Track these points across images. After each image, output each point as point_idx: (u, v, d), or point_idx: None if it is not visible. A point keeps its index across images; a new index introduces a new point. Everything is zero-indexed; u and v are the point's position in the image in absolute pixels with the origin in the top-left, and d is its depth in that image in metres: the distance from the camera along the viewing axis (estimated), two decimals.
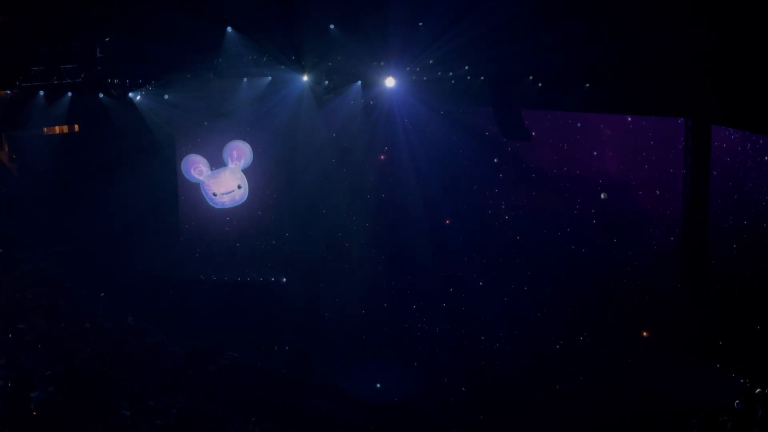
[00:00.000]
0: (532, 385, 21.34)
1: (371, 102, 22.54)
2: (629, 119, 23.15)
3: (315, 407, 20.18)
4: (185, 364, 20.81)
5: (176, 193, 24.23)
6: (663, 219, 23.75)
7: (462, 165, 25.15)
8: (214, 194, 24.21)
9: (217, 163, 24.38)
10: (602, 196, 24.44)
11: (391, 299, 24.71)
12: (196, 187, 24.43)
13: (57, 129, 22.73)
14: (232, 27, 20.20)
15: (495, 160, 25.44)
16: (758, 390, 12.20)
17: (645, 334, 23.04)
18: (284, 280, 24.60)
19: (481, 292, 24.85)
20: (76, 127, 22.73)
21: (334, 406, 20.41)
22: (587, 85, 19.80)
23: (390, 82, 20.92)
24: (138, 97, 21.69)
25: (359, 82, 21.47)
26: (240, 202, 24.48)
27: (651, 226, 24.05)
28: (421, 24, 19.50)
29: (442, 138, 24.31)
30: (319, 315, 23.83)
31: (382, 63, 20.60)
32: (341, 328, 23.47)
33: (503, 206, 25.85)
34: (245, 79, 21.57)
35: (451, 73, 20.51)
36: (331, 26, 20.08)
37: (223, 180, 24.37)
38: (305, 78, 21.48)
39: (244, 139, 23.94)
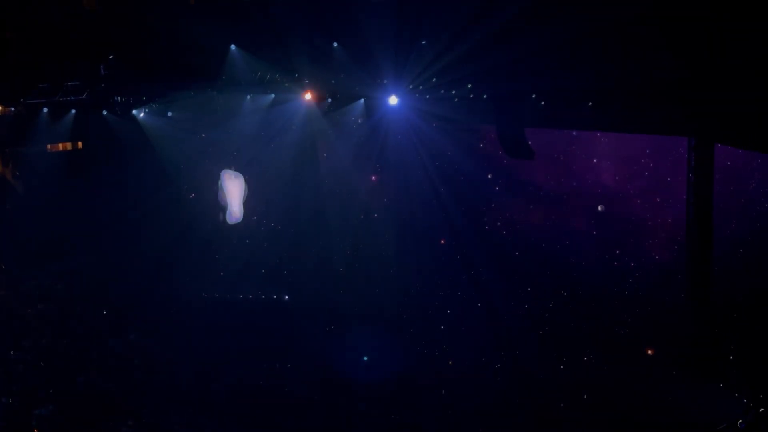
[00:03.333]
0: (535, 405, 21.34)
1: (359, 120, 23.08)
2: None
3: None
4: (189, 382, 20.84)
5: (180, 209, 24.45)
6: (663, 229, 24.26)
7: (456, 181, 25.42)
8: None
9: None
10: (599, 208, 24.91)
11: (388, 321, 24.57)
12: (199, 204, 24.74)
13: (61, 146, 22.92)
14: (236, 45, 20.69)
15: (489, 176, 25.78)
16: (762, 409, 12.14)
17: (650, 351, 23.05)
18: (286, 298, 25.05)
19: (481, 311, 24.94)
20: (80, 144, 22.85)
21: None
22: (590, 104, 20.06)
23: (393, 100, 21.55)
24: (141, 115, 21.81)
25: (362, 101, 22.00)
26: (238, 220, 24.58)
27: (651, 236, 24.52)
28: (424, 42, 20.15)
29: (435, 155, 24.73)
30: (317, 332, 23.80)
31: (385, 81, 21.21)
32: (337, 347, 23.42)
33: (499, 222, 26.06)
34: (248, 97, 22.04)
35: (454, 92, 21.06)
36: (334, 44, 20.64)
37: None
38: (308, 96, 21.93)
39: (243, 156, 24.23)
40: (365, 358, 23.44)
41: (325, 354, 22.97)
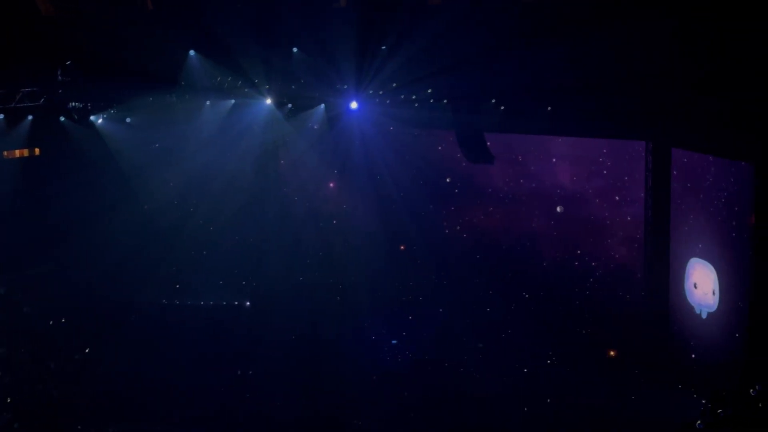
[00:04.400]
0: (498, 409, 21.32)
1: (315, 126, 23.23)
2: None
3: None
4: (153, 390, 20.83)
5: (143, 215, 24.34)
6: (621, 228, 24.58)
7: (415, 186, 25.65)
8: None
9: None
10: (558, 209, 25.24)
11: (350, 327, 24.69)
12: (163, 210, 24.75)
13: (17, 153, 22.79)
14: (195, 50, 20.79)
15: (448, 180, 26.07)
16: (719, 410, 12.42)
17: (612, 353, 23.47)
18: (248, 304, 25.14)
19: (443, 316, 25.35)
20: (37, 150, 22.77)
21: None
22: (549, 108, 20.38)
23: (354, 105, 21.94)
24: (99, 121, 21.81)
25: (322, 105, 22.27)
26: None
27: (610, 235, 24.82)
28: (384, 47, 20.45)
29: (394, 160, 24.95)
30: (278, 340, 23.71)
31: (345, 86, 21.54)
32: (297, 354, 23.46)
33: (459, 226, 26.44)
34: (208, 102, 22.18)
35: (414, 96, 21.53)
36: (295, 50, 20.91)
37: None
38: (268, 101, 22.17)
39: (206, 161, 24.09)
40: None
41: (287, 360, 22.97)
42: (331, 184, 26.27)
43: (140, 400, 20.67)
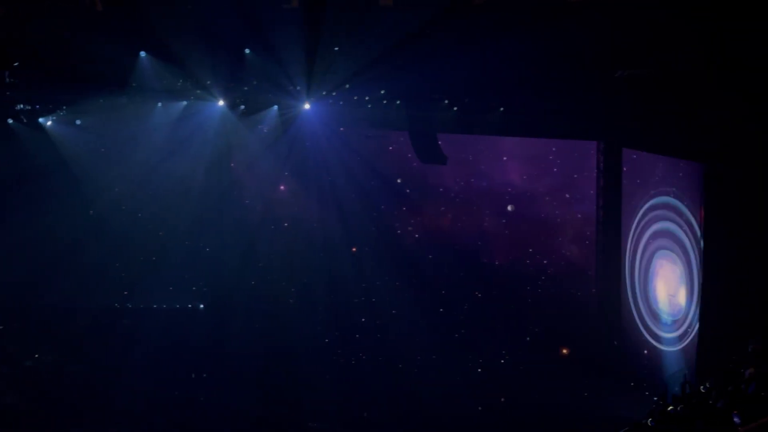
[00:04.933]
0: (454, 408, 21.77)
1: (268, 128, 23.10)
2: None
3: None
4: (103, 394, 20.83)
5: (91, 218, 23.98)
6: (572, 226, 24.98)
7: (367, 187, 25.52)
8: None
9: None
10: (509, 208, 25.46)
11: (303, 331, 24.64)
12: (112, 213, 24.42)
13: None
14: (146, 51, 20.57)
15: (399, 180, 26.07)
16: (670, 408, 12.67)
17: (565, 351, 23.80)
18: (201, 306, 25.09)
19: (396, 317, 25.33)
20: None
21: None
22: (501, 109, 20.63)
23: (306, 106, 21.86)
24: (49, 123, 21.66)
25: (275, 107, 22.14)
26: None
27: (561, 234, 25.19)
28: (336, 48, 20.40)
29: (345, 161, 24.85)
30: (232, 343, 23.67)
31: (298, 87, 21.41)
32: (252, 357, 23.36)
33: (410, 226, 26.44)
34: (159, 104, 21.91)
35: (367, 97, 21.60)
36: (247, 51, 20.72)
37: None
38: (220, 103, 21.99)
39: (156, 164, 23.77)
40: None
41: (242, 362, 22.94)
42: (282, 187, 26.21)
43: (94, 405, 20.67)
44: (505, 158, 25.32)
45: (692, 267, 19.50)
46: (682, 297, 20.01)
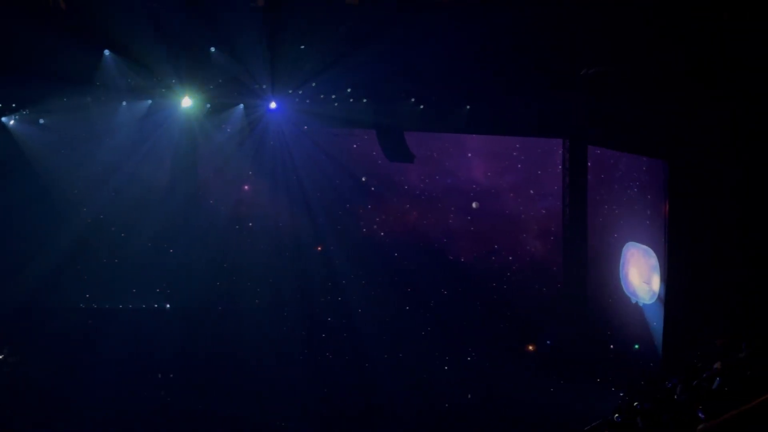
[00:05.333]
0: (421, 406, 21.87)
1: (234, 127, 23.02)
2: None
3: None
4: (70, 394, 20.76)
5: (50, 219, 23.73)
6: (536, 221, 25.40)
7: (332, 186, 25.64)
8: None
9: None
10: (474, 205, 25.69)
11: (270, 331, 24.61)
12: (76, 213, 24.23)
13: None
14: (110, 50, 20.39)
15: (363, 179, 26.13)
16: (636, 403, 12.87)
17: (531, 348, 24.03)
18: (168, 306, 24.92)
19: (363, 315, 25.47)
20: None
21: None
22: (468, 107, 20.78)
23: (272, 105, 21.86)
24: (11, 122, 21.52)
25: (241, 106, 22.08)
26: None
27: (526, 230, 25.57)
28: (302, 47, 20.45)
29: (310, 160, 24.87)
30: (198, 342, 23.67)
31: (264, 86, 21.42)
32: (219, 360, 23.47)
33: (376, 225, 26.57)
34: (124, 103, 21.72)
35: (333, 96, 21.72)
36: (212, 49, 20.66)
37: None
38: (186, 102, 21.87)
39: (119, 164, 23.54)
40: None
41: (208, 363, 23.02)
42: (246, 187, 26.12)
43: (59, 407, 20.54)
44: (469, 155, 25.57)
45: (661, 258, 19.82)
46: (655, 284, 20.19)
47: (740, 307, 16.52)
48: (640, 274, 21.06)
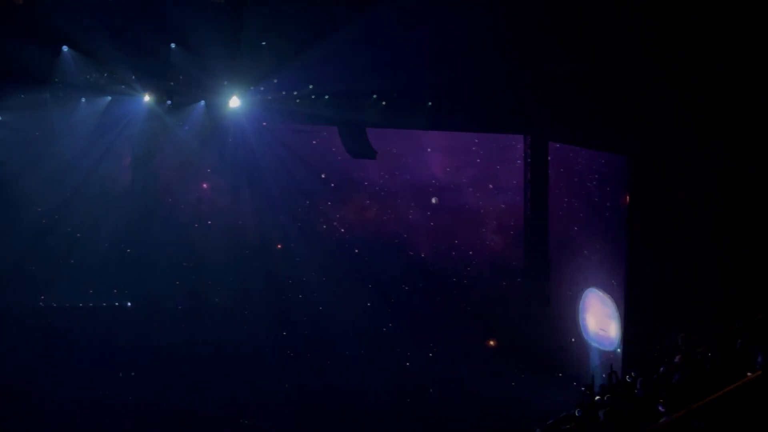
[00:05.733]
0: (383, 401, 22.23)
1: (195, 124, 22.79)
2: None
3: None
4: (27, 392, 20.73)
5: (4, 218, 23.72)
6: (495, 216, 25.57)
7: (291, 183, 25.70)
8: None
9: None
10: (433, 200, 25.96)
11: (230, 329, 24.84)
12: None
13: None
14: (68, 46, 20.15)
15: (323, 175, 26.24)
16: (597, 397, 13.10)
17: (492, 343, 24.25)
18: (129, 304, 24.80)
19: (324, 312, 25.59)
20: None
21: None
22: (430, 104, 20.99)
23: (234, 102, 21.60)
24: None
25: (203, 102, 21.90)
26: None
27: (485, 224, 25.75)
28: (264, 43, 20.39)
29: (270, 157, 24.85)
30: (160, 340, 23.70)
31: (226, 82, 21.25)
32: (180, 358, 23.50)
33: (336, 221, 26.70)
34: (83, 99, 21.49)
35: (295, 93, 21.55)
36: (173, 45, 20.50)
37: None
38: (146, 98, 21.65)
39: (77, 162, 23.44)
40: None
41: (169, 361, 23.04)
42: (205, 185, 26.17)
43: (19, 406, 20.56)
44: (429, 149, 25.71)
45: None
46: (612, 331, 20.54)
47: (701, 302, 16.67)
48: (597, 322, 21.35)
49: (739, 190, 16.05)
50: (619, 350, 20.08)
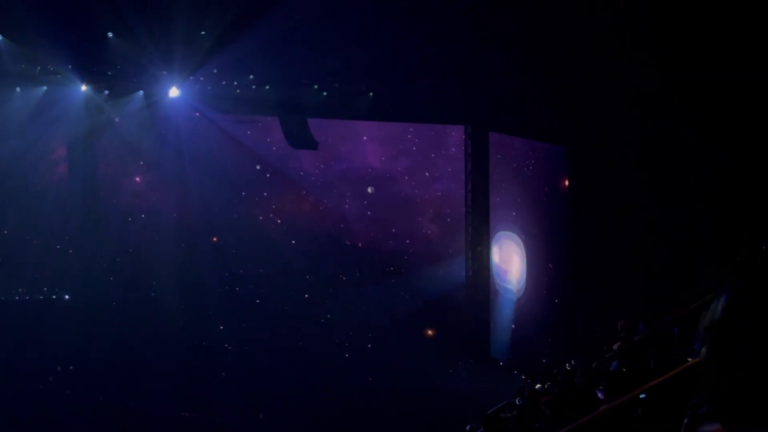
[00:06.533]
0: (322, 393, 22.39)
1: (116, 119, 22.93)
2: None
3: None
4: None
5: None
6: (431, 204, 26.25)
7: (226, 175, 25.78)
8: None
9: None
10: (369, 189, 26.39)
11: (165, 324, 24.62)
12: None
13: None
14: (2, 34, 19.90)
15: (258, 167, 26.42)
16: (538, 385, 13.26)
17: (430, 332, 24.85)
18: (66, 297, 24.70)
19: (261, 304, 25.89)
20: None
21: None
22: (371, 94, 21.33)
23: (174, 92, 21.58)
24: None
25: (141, 92, 21.80)
26: None
27: (421, 213, 26.40)
28: (204, 33, 20.28)
29: (203, 149, 24.88)
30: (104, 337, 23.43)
31: (165, 72, 21.16)
32: (125, 351, 23.35)
33: (272, 213, 26.96)
34: (18, 89, 21.28)
35: (236, 82, 21.61)
36: (110, 34, 20.29)
37: None
38: (83, 88, 21.50)
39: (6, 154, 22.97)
40: None
41: (104, 355, 22.81)
42: (138, 179, 26.09)
43: None
44: (365, 138, 26.10)
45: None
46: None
47: (639, 289, 16.92)
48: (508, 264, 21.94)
49: (677, 178, 16.46)
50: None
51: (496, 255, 22.71)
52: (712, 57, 13.67)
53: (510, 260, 22.21)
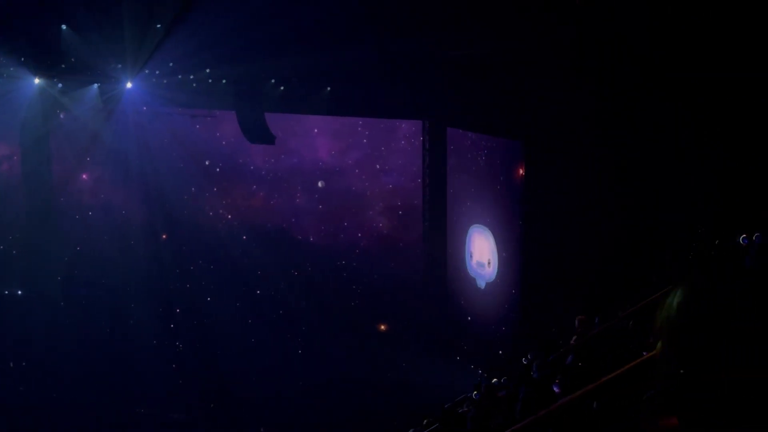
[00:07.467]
0: (273, 390, 22.82)
1: (62, 116, 22.96)
2: None
3: None
4: None
5: None
6: (382, 197, 26.70)
7: (175, 170, 25.81)
8: None
9: None
10: (320, 183, 26.79)
11: (117, 322, 25.03)
12: None
13: None
14: None
15: (207, 162, 26.56)
16: (494, 380, 13.81)
17: (383, 327, 25.59)
18: (19, 293, 24.69)
19: (212, 301, 26.05)
20: None
21: None
22: (329, 89, 22.14)
23: (129, 85, 21.52)
24: None
25: (96, 86, 21.71)
26: None
27: (371, 206, 26.88)
28: (160, 26, 20.26)
29: (152, 145, 25.02)
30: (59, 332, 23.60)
31: (120, 66, 21.07)
32: (82, 347, 23.49)
33: (222, 209, 27.11)
34: None
35: (192, 76, 21.70)
36: (63, 27, 20.13)
37: None
38: (36, 81, 21.39)
39: None
40: None
41: (50, 353, 22.97)
42: (85, 176, 25.95)
43: None
44: (316, 130, 26.33)
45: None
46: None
47: (594, 283, 17.25)
48: (482, 255, 22.23)
49: (632, 172, 17.07)
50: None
51: (471, 246, 23.00)
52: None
53: (482, 252, 22.54)
